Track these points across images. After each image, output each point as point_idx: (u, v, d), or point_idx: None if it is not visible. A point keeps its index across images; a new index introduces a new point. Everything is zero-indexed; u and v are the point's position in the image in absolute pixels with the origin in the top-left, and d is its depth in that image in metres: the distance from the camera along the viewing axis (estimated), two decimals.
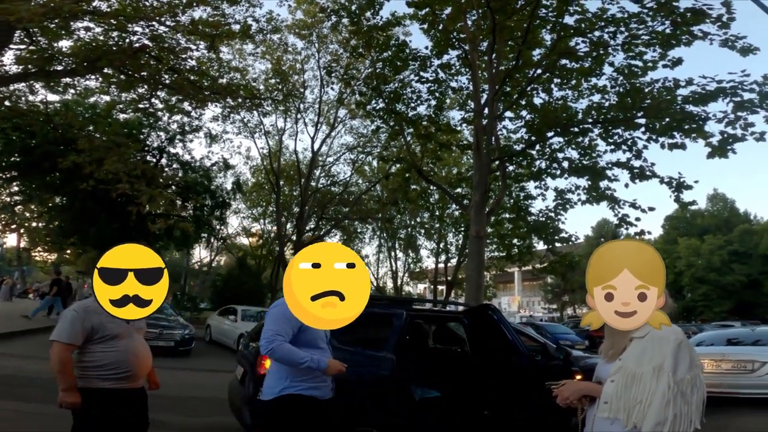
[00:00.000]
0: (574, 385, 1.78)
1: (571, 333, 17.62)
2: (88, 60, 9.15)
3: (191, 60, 11.02)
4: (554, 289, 43.42)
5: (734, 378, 6.06)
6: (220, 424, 4.75)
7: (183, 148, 19.80)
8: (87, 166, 9.80)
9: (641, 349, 1.59)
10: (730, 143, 7.68)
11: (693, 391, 1.53)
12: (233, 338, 12.23)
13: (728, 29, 7.42)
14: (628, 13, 8.11)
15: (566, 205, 11.00)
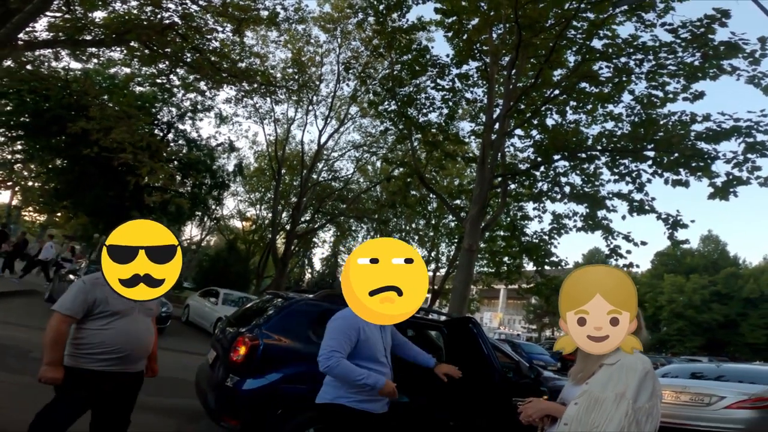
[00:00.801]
0: (539, 404, 1.79)
1: (545, 354, 17.77)
2: (118, 32, 9.17)
3: (215, 41, 11.05)
4: (536, 310, 43.66)
5: (691, 410, 6.10)
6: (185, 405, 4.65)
7: (192, 125, 19.86)
8: (95, 133, 9.79)
9: (608, 376, 1.60)
10: (734, 185, 7.66)
11: (648, 420, 1.54)
12: (211, 321, 12.04)
13: (758, 65, 7.35)
14: (660, 42, 8.03)
15: (561, 230, 11.01)
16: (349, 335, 2.26)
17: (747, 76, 7.47)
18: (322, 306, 3.81)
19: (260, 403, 3.31)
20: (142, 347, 2.39)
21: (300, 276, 36.77)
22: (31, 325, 7.88)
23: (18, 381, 4.69)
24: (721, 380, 6.77)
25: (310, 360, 3.45)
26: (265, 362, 3.37)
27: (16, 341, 6.54)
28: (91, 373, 2.21)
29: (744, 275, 38.97)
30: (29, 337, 6.88)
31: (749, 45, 7.30)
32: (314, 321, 3.66)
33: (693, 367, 8.33)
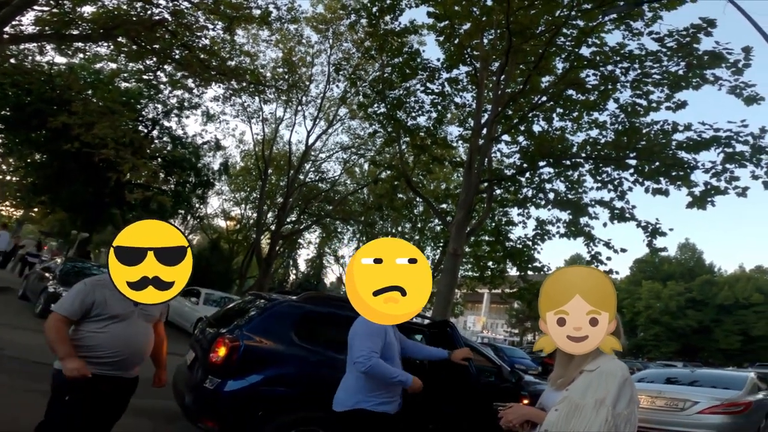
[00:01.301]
0: (520, 409, 1.80)
1: (527, 358, 17.93)
2: (106, 27, 8.99)
3: (205, 39, 10.93)
4: (519, 314, 44.13)
5: (665, 415, 6.21)
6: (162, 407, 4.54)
7: (177, 122, 19.63)
8: (76, 128, 9.62)
9: (588, 382, 1.60)
10: (712, 195, 7.81)
11: (626, 426, 1.54)
12: (191, 321, 11.79)
13: (740, 76, 7.49)
14: (646, 51, 8.17)
15: (544, 236, 11.15)
16: (381, 336, 2.32)
17: (729, 86, 7.62)
18: (305, 308, 3.76)
19: (239, 405, 3.25)
20: (138, 353, 2.31)
21: (284, 277, 36.42)
22: (3, 322, 7.65)
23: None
24: (695, 385, 6.92)
25: (292, 362, 3.44)
26: (246, 364, 3.31)
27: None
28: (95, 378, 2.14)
29: (719, 283, 40.07)
30: (3, 335, 6.68)
31: (733, 55, 7.44)
32: (297, 323, 3.61)
33: (668, 372, 8.53)
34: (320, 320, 3.80)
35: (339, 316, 3.86)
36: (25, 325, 7.85)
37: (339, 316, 3.84)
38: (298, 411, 3.34)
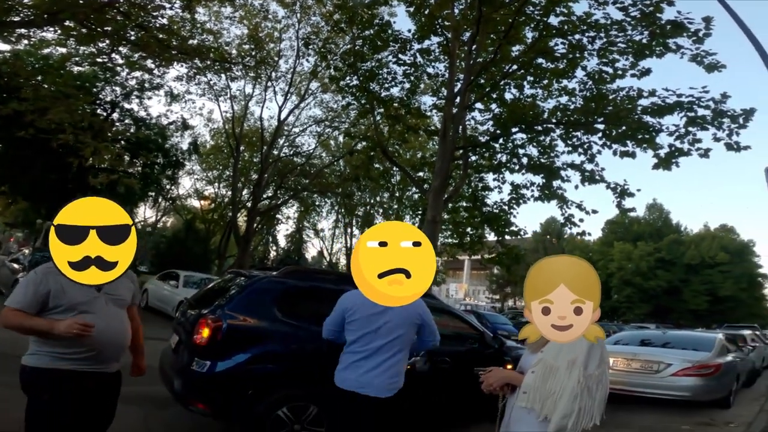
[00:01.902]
0: (499, 373, 1.85)
1: (509, 323, 18.58)
2: (49, 12, 8.32)
3: (163, 18, 10.34)
4: (499, 280, 45.40)
5: (641, 377, 6.35)
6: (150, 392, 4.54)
7: (139, 104, 18.80)
8: (29, 114, 9.10)
9: (560, 344, 1.67)
10: (676, 157, 8.17)
11: (598, 387, 1.62)
12: (173, 305, 11.66)
13: (701, 44, 7.73)
14: (611, 20, 8.30)
15: (519, 200, 11.39)
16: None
17: (690, 54, 7.87)
18: (286, 283, 3.77)
19: (228, 386, 3.27)
20: (116, 343, 2.13)
21: (264, 254, 36.23)
22: None
23: None
24: (668, 347, 7.15)
25: (278, 338, 3.47)
26: (230, 343, 3.32)
27: None
28: (59, 372, 1.98)
29: (686, 242, 41.37)
30: None
31: (694, 24, 7.65)
32: (279, 298, 3.61)
33: (642, 334, 8.82)
34: (303, 294, 3.81)
35: (321, 289, 3.87)
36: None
37: (321, 290, 3.86)
38: (287, 387, 3.39)
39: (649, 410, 6.21)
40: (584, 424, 1.60)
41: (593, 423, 1.63)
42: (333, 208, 27.45)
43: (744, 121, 7.67)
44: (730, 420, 5.96)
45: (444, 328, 5.48)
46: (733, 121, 7.71)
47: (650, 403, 6.30)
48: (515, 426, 1.77)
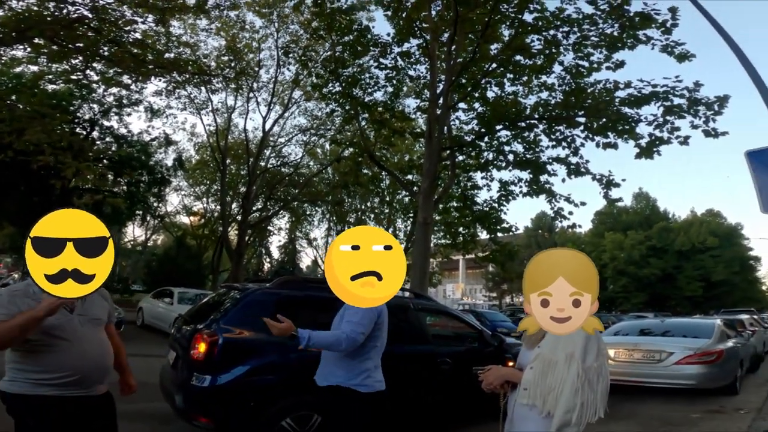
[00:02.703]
0: (498, 371, 1.86)
1: (507, 321, 18.63)
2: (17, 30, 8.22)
3: (136, 33, 10.25)
4: (495, 277, 45.55)
5: (644, 367, 6.32)
6: (151, 409, 4.51)
7: (119, 121, 18.56)
8: (6, 136, 8.97)
9: (556, 337, 1.69)
10: (657, 145, 8.37)
11: (599, 379, 1.63)
12: (168, 322, 11.59)
13: (670, 35, 7.99)
14: (583, 14, 8.53)
15: (509, 197, 11.52)
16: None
17: (661, 45, 8.13)
18: (280, 293, 3.78)
19: (229, 399, 3.26)
20: (99, 366, 2.07)
21: (258, 266, 36.00)
22: None
23: None
24: (668, 336, 7.12)
25: (275, 349, 3.45)
26: (228, 357, 3.32)
27: None
28: (43, 398, 1.92)
29: (675, 229, 41.63)
30: None
31: (661, 15, 7.91)
32: (274, 309, 3.60)
33: (641, 324, 8.74)
34: (297, 304, 3.81)
35: (316, 298, 3.86)
36: None
37: (316, 299, 3.85)
38: (288, 397, 3.38)
39: (655, 400, 6.18)
40: (588, 417, 1.61)
41: (597, 416, 1.63)
42: (324, 216, 27.43)
43: (719, 107, 7.89)
44: (739, 406, 5.92)
45: (442, 328, 5.52)
46: (708, 108, 7.93)
47: (655, 393, 6.27)
48: (519, 423, 1.77)
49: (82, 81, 12.04)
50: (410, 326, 4.29)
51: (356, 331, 2.40)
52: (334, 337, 2.42)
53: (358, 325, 2.41)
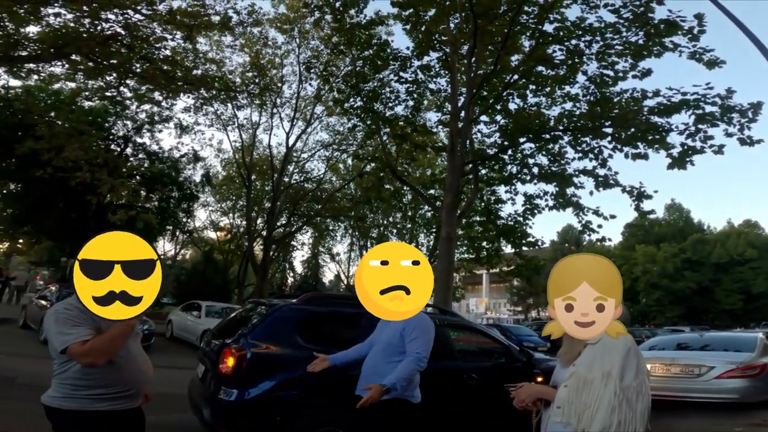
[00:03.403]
0: (531, 388, 1.82)
1: (534, 335, 18.11)
2: (55, 46, 8.73)
3: (165, 49, 10.68)
4: (520, 291, 44.59)
5: (682, 382, 6.22)
6: (179, 421, 4.60)
7: (151, 137, 19.21)
8: (45, 153, 9.33)
9: (593, 355, 1.65)
10: (690, 155, 8.10)
11: (638, 398, 1.58)
12: (196, 334, 11.86)
13: (697, 42, 7.81)
14: (605, 23, 8.41)
15: (534, 210, 11.32)
16: None
17: (688, 52, 7.94)
18: (306, 309, 3.81)
19: (256, 413, 3.29)
20: (144, 380, 2.16)
21: (282, 281, 36.38)
22: (10, 352, 7.76)
23: (5, 408, 4.61)
24: (707, 350, 6.97)
25: (301, 364, 3.44)
26: (255, 371, 3.36)
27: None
28: (97, 414, 1.96)
29: (711, 240, 40.25)
30: (12, 364, 6.78)
31: (687, 22, 7.73)
32: (300, 325, 3.66)
33: (678, 338, 8.53)
34: (323, 320, 3.87)
35: (341, 313, 3.95)
36: (31, 352, 7.91)
37: (341, 314, 3.94)
38: (314, 412, 3.40)
39: (694, 414, 6.07)
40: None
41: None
42: (347, 231, 27.59)
43: (753, 114, 7.62)
44: None
45: (467, 344, 5.42)
46: (742, 115, 7.66)
47: (694, 408, 6.17)
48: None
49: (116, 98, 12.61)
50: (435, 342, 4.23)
51: (424, 350, 2.51)
52: (408, 367, 2.50)
53: (424, 343, 2.50)
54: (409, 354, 2.53)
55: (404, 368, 2.49)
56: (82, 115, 12.57)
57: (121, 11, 9.03)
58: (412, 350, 2.52)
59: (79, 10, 8.66)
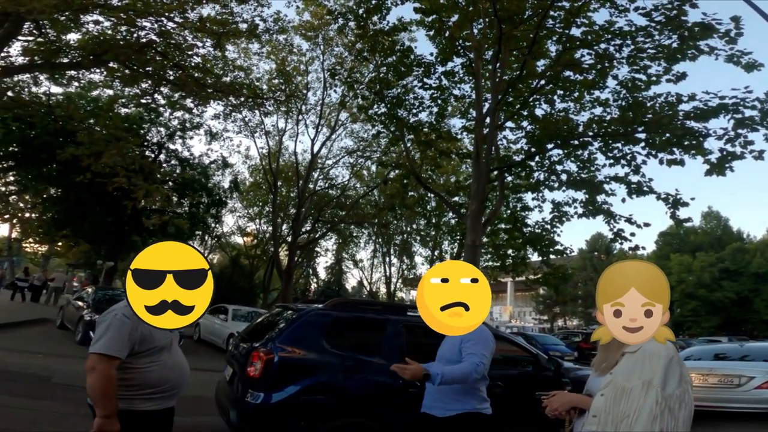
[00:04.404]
0: (564, 396, 1.80)
1: (561, 344, 17.71)
2: (94, 53, 9.14)
3: (197, 57, 11.02)
4: (545, 300, 43.56)
5: (721, 392, 6.17)
6: (206, 423, 4.68)
7: (182, 144, 19.86)
8: (85, 159, 9.70)
9: (632, 364, 1.62)
10: (729, 161, 7.76)
11: (681, 406, 1.53)
12: (223, 337, 12.12)
13: (735, 44, 7.53)
14: (636, 26, 8.18)
15: (562, 218, 11.06)
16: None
17: (725, 55, 7.65)
18: (332, 314, 3.84)
19: (282, 417, 3.32)
20: (187, 378, 2.27)
21: (306, 286, 36.75)
22: (47, 352, 8.02)
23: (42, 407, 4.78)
24: (746, 360, 6.84)
25: (327, 369, 3.53)
26: (282, 375, 3.39)
27: (35, 368, 6.65)
28: (148, 413, 2.05)
29: (750, 250, 38.48)
30: (47, 363, 7.02)
31: (723, 25, 7.46)
32: (326, 330, 3.69)
33: (715, 348, 8.38)
34: (348, 325, 3.90)
35: (366, 319, 3.97)
36: (67, 353, 8.21)
37: (366, 320, 3.97)
38: (338, 418, 3.41)
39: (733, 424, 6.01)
40: None
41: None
42: (370, 238, 27.66)
43: None
44: None
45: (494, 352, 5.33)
46: None
47: (731, 418, 6.11)
48: None
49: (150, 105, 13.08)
50: None
51: (483, 362, 2.54)
52: (462, 371, 2.49)
53: (483, 356, 2.55)
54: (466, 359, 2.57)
55: (459, 367, 2.48)
56: (119, 121, 13.10)
57: (155, 18, 9.37)
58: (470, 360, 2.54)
59: (116, 18, 9.04)
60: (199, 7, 10.01)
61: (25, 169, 16.08)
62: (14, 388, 5.35)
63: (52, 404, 4.93)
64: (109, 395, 1.91)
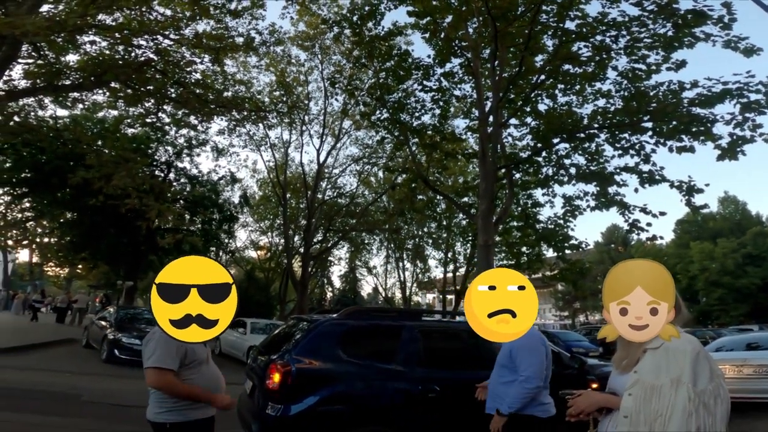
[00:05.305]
0: (591, 396, 1.77)
1: (584, 340, 17.35)
2: (95, 74, 9.29)
3: (196, 73, 11.17)
4: (565, 296, 42.92)
5: (758, 383, 6.05)
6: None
7: (190, 162, 20.15)
8: (96, 182, 9.87)
9: (657, 361, 1.61)
10: (740, 145, 7.65)
11: (717, 402, 1.52)
12: (243, 350, 12.25)
13: (730, 30, 7.46)
14: (629, 17, 8.14)
15: (575, 212, 10.92)
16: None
17: (722, 41, 7.57)
18: (347, 324, 3.86)
19: (302, 428, 3.35)
20: (223, 387, 2.43)
21: (321, 296, 36.87)
22: (74, 371, 8.21)
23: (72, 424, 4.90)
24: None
25: (344, 379, 3.55)
26: (300, 386, 3.42)
27: (64, 387, 6.80)
28: (199, 422, 2.23)
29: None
30: (75, 382, 7.19)
31: (715, 11, 7.41)
32: (342, 340, 3.71)
33: (747, 338, 8.18)
34: (364, 334, 3.90)
35: (381, 327, 3.99)
36: (94, 371, 8.43)
37: (381, 327, 3.98)
38: (358, 427, 3.42)
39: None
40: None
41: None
42: (382, 244, 27.68)
43: None
44: None
45: None
46: None
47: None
48: None
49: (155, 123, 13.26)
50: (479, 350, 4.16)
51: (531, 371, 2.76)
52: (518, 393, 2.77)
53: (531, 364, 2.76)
54: (519, 376, 2.79)
55: (515, 395, 2.77)
56: (126, 142, 13.18)
57: (151, 36, 9.47)
58: (520, 372, 2.78)
59: (112, 37, 9.19)
60: (193, 24, 10.15)
61: (40, 194, 16.41)
62: (45, 407, 5.48)
63: (82, 421, 5.04)
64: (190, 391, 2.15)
